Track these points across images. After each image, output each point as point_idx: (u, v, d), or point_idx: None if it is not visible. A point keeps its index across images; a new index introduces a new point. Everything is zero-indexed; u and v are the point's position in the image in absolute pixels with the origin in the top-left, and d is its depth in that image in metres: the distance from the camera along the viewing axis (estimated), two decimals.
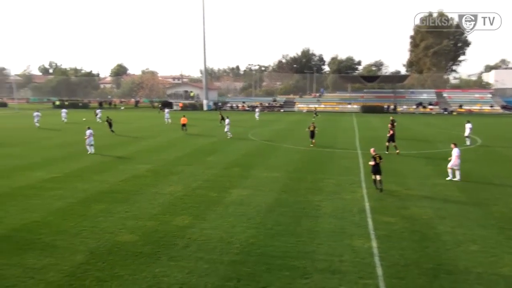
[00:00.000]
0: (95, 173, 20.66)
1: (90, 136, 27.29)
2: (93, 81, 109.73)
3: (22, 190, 17.32)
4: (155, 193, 16.90)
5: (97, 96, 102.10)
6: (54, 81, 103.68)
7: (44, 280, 9.49)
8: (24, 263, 10.34)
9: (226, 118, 37.61)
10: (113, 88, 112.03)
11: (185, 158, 25.20)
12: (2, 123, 50.09)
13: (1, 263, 10.32)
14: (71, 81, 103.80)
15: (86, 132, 27.67)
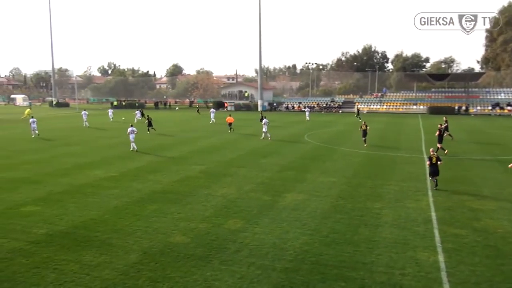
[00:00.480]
0: (149, 173, 21.53)
1: (132, 133, 29.39)
2: (150, 81, 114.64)
3: (81, 188, 18.46)
4: (208, 194, 17.28)
5: (153, 96, 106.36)
6: (112, 82, 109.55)
7: (99, 277, 10.03)
8: (81, 259, 11.01)
9: (264, 118, 37.99)
10: (168, 88, 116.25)
11: (238, 159, 25.52)
12: (64, 123, 53.75)
13: (60, 258, 11.06)
14: (129, 82, 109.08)
15: (128, 129, 29.98)
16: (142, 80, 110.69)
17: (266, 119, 37.01)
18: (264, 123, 36.35)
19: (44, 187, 18.73)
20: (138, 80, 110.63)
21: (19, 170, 22.58)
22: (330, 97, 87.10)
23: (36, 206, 15.73)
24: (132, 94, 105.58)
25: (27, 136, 38.33)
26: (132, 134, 29.48)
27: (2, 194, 17.54)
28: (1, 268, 10.47)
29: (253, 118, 60.98)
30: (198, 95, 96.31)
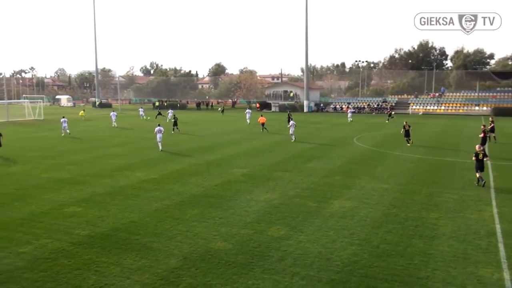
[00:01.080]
0: (190, 176, 21.95)
1: (159, 133, 30.86)
2: (192, 81, 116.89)
3: (122, 190, 19.12)
4: (250, 199, 17.37)
5: (195, 96, 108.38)
6: (154, 82, 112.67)
7: (139, 281, 10.33)
8: (121, 262, 11.39)
9: (291, 120, 38.53)
10: (210, 89, 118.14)
11: (282, 163, 25.51)
12: (108, 123, 55.90)
13: (101, 260, 11.50)
14: (171, 82, 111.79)
15: (155, 129, 31.48)
16: (184, 80, 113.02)
17: (293, 121, 37.68)
18: (291, 125, 36.78)
19: (87, 188, 19.57)
20: (180, 80, 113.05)
21: (64, 170, 23.72)
22: (381, 98, 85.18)
23: (79, 207, 16.45)
24: (174, 95, 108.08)
25: (72, 137, 40.23)
26: (160, 133, 31.00)
27: (47, 194, 18.50)
28: (45, 268, 11.03)
29: (298, 120, 60.69)
30: (241, 95, 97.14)
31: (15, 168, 24.61)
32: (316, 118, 65.52)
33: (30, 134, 42.42)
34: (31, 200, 17.45)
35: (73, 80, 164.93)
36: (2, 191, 18.99)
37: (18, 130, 46.88)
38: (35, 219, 15.00)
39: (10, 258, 11.62)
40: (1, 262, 11.38)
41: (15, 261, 11.44)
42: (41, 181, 21.09)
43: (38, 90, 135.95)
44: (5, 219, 15.08)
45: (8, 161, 27.01)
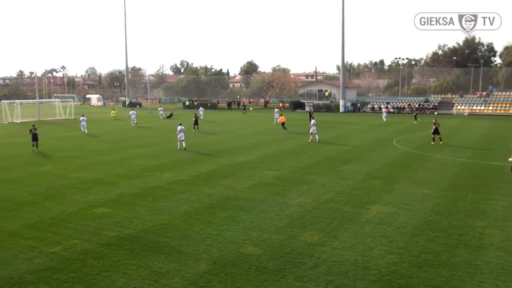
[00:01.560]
0: (221, 178, 22.12)
1: (181, 132, 32.16)
2: (223, 80, 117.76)
3: (151, 191, 19.48)
4: (283, 203, 17.35)
5: (226, 95, 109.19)
6: (184, 81, 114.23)
7: (168, 285, 10.48)
8: (150, 265, 11.59)
9: (313, 118, 38.62)
10: (242, 88, 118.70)
11: (316, 166, 25.37)
12: (137, 123, 57.07)
13: (130, 263, 11.74)
14: (201, 81, 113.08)
15: (178, 128, 32.70)
16: (215, 79, 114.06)
17: (314, 120, 37.96)
18: (313, 123, 36.96)
19: (116, 188, 20.03)
20: (211, 78, 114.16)
21: (93, 170, 24.38)
22: (423, 97, 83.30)
23: (108, 208, 16.86)
24: (204, 94, 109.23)
25: (102, 137, 41.32)
26: (181, 132, 32.31)
27: (77, 194, 19.06)
28: (74, 269, 11.36)
29: (334, 121, 60.30)
30: (273, 94, 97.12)
31: (46, 167, 25.47)
32: (352, 118, 64.78)
33: (60, 134, 43.82)
34: (61, 200, 18.02)
35: (103, 79, 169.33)
36: (34, 191, 19.70)
37: (49, 129, 48.49)
38: (65, 219, 15.48)
39: (40, 258, 12.03)
40: (31, 262, 11.80)
41: (45, 261, 11.83)
42: (71, 181, 21.75)
43: (68, 89, 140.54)
44: (36, 218, 15.64)
45: (40, 160, 27.99)
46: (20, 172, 24.17)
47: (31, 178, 22.50)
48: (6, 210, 16.66)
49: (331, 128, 48.35)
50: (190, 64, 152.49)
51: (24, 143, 36.65)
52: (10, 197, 18.54)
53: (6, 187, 20.39)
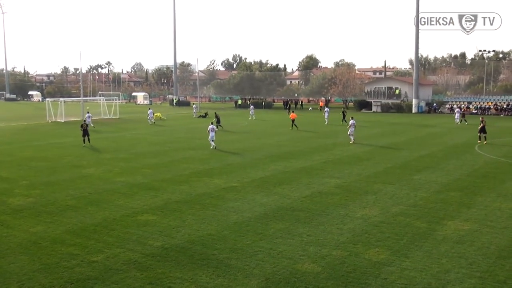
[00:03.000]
0: (275, 185, 22.20)
1: (212, 131, 34.51)
2: (279, 77, 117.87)
3: (199, 198, 19.87)
4: (345, 215, 17.16)
5: (283, 94, 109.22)
6: (237, 77, 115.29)
7: None
8: (196, 279, 11.81)
9: (351, 119, 38.55)
10: (300, 85, 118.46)
11: (384, 173, 24.94)
12: (184, 124, 58.48)
13: (175, 276, 12.03)
14: (255, 77, 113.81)
15: (208, 128, 35.08)
16: (270, 75, 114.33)
17: (353, 120, 38.09)
18: (352, 124, 37.24)
19: (162, 194, 20.60)
20: (266, 75, 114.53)
21: (138, 174, 25.22)
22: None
23: (153, 215, 17.37)
24: (258, 92, 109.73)
25: (148, 138, 42.68)
26: (212, 132, 34.34)
27: (120, 199, 19.79)
28: (116, 280, 11.79)
29: (405, 123, 58.86)
30: (336, 92, 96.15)
31: (90, 170, 26.63)
32: (427, 120, 62.91)
33: (104, 134, 45.66)
34: (104, 206, 18.78)
35: (150, 75, 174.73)
36: (76, 195, 20.66)
37: (93, 129, 50.60)
38: (108, 226, 16.12)
39: (82, 267, 12.59)
40: (73, 271, 12.37)
41: (87, 270, 12.36)
42: (115, 185, 22.62)
43: (114, 87, 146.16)
44: (78, 224, 16.39)
45: (83, 162, 29.32)
46: (63, 174, 25.43)
47: (74, 181, 23.62)
48: (49, 215, 17.58)
49: (402, 132, 47.22)
50: (243, 59, 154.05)
51: (67, 143, 38.56)
52: (53, 201, 19.54)
53: (49, 190, 21.52)
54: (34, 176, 24.90)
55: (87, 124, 38.57)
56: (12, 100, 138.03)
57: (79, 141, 38.05)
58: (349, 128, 37.71)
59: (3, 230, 15.76)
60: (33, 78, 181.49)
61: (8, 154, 32.73)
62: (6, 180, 24.14)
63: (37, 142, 40.08)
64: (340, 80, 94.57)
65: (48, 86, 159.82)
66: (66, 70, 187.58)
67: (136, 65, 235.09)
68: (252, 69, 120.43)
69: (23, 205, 19.01)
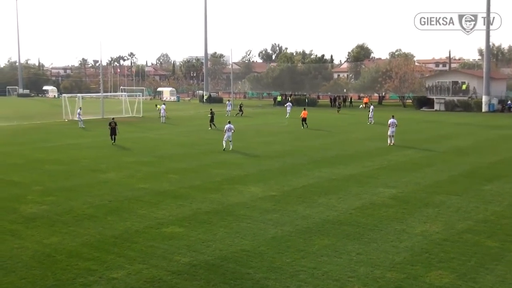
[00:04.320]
0: (320, 195, 22.10)
1: (228, 131, 35.21)
2: (325, 69, 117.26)
3: (233, 209, 19.96)
4: (401, 231, 16.94)
5: (329, 89, 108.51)
6: (276, 70, 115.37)
7: None
8: None
9: (391, 118, 38.62)
10: (350, 79, 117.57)
11: (447, 183, 24.58)
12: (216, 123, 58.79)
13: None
14: (297, 70, 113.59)
15: (225, 126, 35.81)
16: (314, 68, 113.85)
17: (394, 119, 38.37)
18: (392, 123, 37.79)
19: (190, 203, 20.80)
20: (310, 67, 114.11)
21: (164, 180, 25.56)
22: None
23: (180, 227, 17.55)
24: (301, 87, 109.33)
25: (175, 139, 43.22)
26: (229, 132, 35.39)
27: (144, 208, 20.09)
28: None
29: (473, 123, 57.65)
30: (391, 88, 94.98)
31: (109, 175, 27.16)
32: (500, 120, 61.37)
33: (126, 135, 46.39)
34: (126, 215, 19.10)
35: (177, 68, 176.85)
36: (95, 202, 21.11)
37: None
38: (129, 239, 16.37)
39: (100, 284, 12.82)
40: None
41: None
42: (137, 192, 22.99)
43: (137, 81, 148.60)
44: (96, 236, 16.72)
45: (102, 166, 29.92)
46: (80, 179, 26.02)
47: (92, 187, 24.14)
48: (65, 225, 18.01)
49: (469, 134, 46.23)
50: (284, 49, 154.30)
51: (85, 145, 39.48)
52: (69, 209, 20.01)
53: (65, 197, 22.05)
54: (48, 181, 25.58)
55: (115, 122, 39.44)
56: (26, 96, 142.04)
57: (98, 142, 38.97)
58: (390, 128, 37.95)
59: (14, 241, 16.24)
60: (48, 71, 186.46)
61: (20, 156, 33.75)
62: (18, 185, 24.89)
63: (52, 142, 41.22)
64: (396, 73, 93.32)
65: (65, 80, 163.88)
66: (85, 63, 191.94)
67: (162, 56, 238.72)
68: (294, 60, 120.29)
69: (36, 213, 19.54)
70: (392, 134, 37.85)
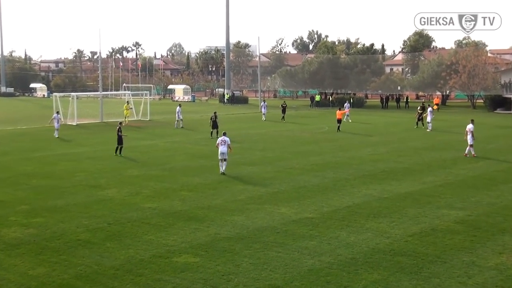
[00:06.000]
0: (368, 218, 21.97)
1: (222, 145, 30.97)
2: (374, 62, 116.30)
3: (260, 234, 19.90)
4: (470, 264, 16.78)
5: (380, 86, 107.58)
6: (314, 64, 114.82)
7: None
8: None
9: (470, 123, 38.08)
10: (406, 74, 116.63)
11: None
12: (239, 128, 58.80)
13: None
14: (340, 63, 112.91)
15: (218, 140, 32.12)
16: (362, 60, 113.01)
17: (472, 125, 38.07)
18: (470, 130, 37.39)
19: (207, 227, 20.81)
20: (356, 59, 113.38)
21: (175, 198, 25.66)
22: None
23: (195, 257, 17.55)
24: (345, 84, 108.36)
25: (189, 148, 43.33)
26: (222, 146, 31.05)
27: (150, 233, 20.16)
28: None
29: None
30: (457, 84, 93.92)
31: (110, 192, 27.36)
32: None
33: (130, 143, 46.59)
34: (128, 241, 19.18)
35: (193, 61, 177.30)
36: (91, 225, 21.25)
37: (115, 136, 51.82)
38: (133, 270, 16.43)
39: None
40: None
41: None
42: (143, 213, 23.10)
43: (144, 77, 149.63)
44: (93, 267, 16.81)
45: (101, 180, 30.16)
46: (75, 197, 26.24)
47: (88, 206, 24.33)
48: (55, 253, 18.15)
49: None
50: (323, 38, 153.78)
51: (81, 155, 39.81)
52: (60, 234, 20.17)
53: (55, 219, 22.23)
54: (36, 199, 25.85)
55: (120, 130, 38.74)
56: (10, 95, 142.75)
57: (96, 151, 39.34)
58: (469, 137, 37.58)
59: None
60: (36, 65, 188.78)
61: (3, 169, 34.20)
62: (0, 204, 25.20)
63: (41, 152, 41.71)
64: (464, 66, 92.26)
65: (56, 76, 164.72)
66: (80, 55, 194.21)
67: (174, 47, 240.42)
68: (336, 51, 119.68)
69: (21, 238, 19.74)
70: (471, 142, 37.35)
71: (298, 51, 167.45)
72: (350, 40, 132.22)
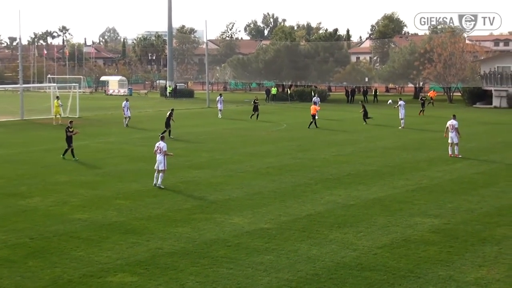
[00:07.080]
0: (332, 228, 22.12)
1: (158, 153, 29.17)
2: (339, 50, 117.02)
3: (208, 248, 19.85)
4: (447, 278, 16.94)
5: (344, 78, 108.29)
6: (270, 51, 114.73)
7: None
8: None
9: (452, 119, 38.81)
10: (374, 63, 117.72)
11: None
12: (186, 125, 58.60)
13: None
14: (300, 51, 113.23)
15: (156, 145, 29.70)
16: (324, 47, 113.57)
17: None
18: (452, 125, 38.12)
19: (147, 241, 20.65)
20: (318, 47, 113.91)
21: (109, 208, 25.42)
22: None
23: (133, 276, 17.36)
24: (305, 74, 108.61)
25: (126, 150, 42.93)
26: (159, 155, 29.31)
27: (81, 249, 19.86)
28: None
29: None
30: (432, 75, 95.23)
31: (31, 201, 26.92)
32: None
33: (56, 144, 45.98)
34: (54, 259, 18.86)
35: (129, 49, 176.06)
36: (10, 241, 20.84)
37: (38, 136, 51.21)
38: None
39: None
40: None
41: None
42: (71, 225, 22.78)
43: (72, 67, 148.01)
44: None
45: (22, 187, 29.64)
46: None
47: (6, 218, 23.87)
48: None
49: None
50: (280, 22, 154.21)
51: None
52: None
53: None
54: None
55: (71, 128, 38.42)
56: None
57: (14, 153, 38.48)
58: (452, 136, 38.02)
59: None
60: None
61: None
62: None
63: None
64: (440, 55, 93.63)
65: None
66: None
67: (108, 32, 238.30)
68: (295, 37, 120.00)
69: None
70: (453, 141, 37.97)
71: (252, 37, 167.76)
72: (310, 24, 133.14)
